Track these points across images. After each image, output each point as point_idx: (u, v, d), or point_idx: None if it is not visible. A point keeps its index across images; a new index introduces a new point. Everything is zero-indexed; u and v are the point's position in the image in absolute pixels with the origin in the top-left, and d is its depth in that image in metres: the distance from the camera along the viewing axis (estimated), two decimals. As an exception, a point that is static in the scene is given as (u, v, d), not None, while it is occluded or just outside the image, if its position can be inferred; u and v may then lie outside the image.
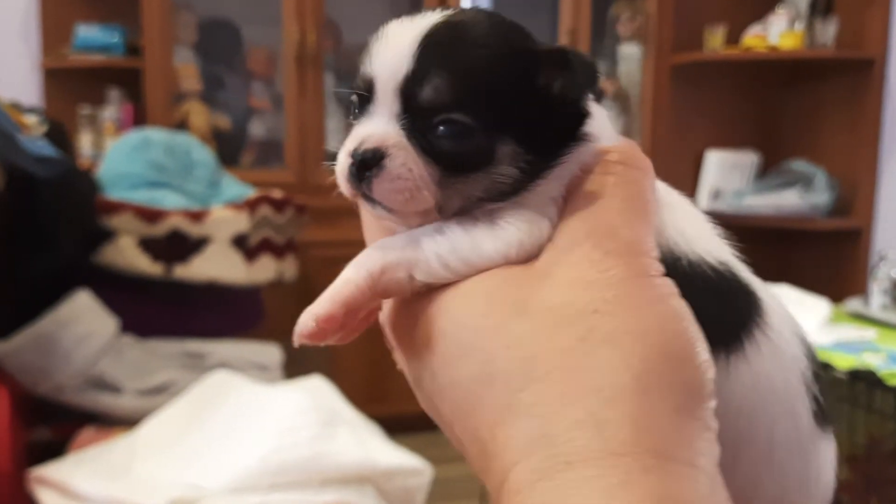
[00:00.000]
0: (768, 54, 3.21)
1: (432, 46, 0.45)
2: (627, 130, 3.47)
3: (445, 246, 0.45)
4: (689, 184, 3.46)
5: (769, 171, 3.49)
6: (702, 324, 0.42)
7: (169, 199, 2.40)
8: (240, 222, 2.41)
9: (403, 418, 2.78)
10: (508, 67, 0.45)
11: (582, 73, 0.46)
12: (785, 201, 3.22)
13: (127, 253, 2.24)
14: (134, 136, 2.59)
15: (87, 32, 3.31)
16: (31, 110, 2.37)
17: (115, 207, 2.25)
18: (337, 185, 0.48)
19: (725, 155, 3.49)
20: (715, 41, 3.33)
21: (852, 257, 3.18)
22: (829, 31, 3.15)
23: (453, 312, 0.45)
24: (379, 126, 0.47)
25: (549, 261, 0.44)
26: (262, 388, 1.85)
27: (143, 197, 2.36)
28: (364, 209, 0.50)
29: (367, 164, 0.46)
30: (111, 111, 3.40)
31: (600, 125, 0.49)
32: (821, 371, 0.49)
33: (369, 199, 0.47)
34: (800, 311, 2.22)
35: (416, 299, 0.46)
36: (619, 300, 0.41)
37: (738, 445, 0.44)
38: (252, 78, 3.76)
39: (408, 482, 1.74)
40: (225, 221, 2.38)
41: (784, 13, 3.20)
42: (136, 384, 2.04)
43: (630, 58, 3.54)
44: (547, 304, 0.42)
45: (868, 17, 3.10)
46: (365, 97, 0.48)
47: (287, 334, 0.47)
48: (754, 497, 0.45)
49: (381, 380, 3.32)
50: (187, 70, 3.49)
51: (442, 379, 0.44)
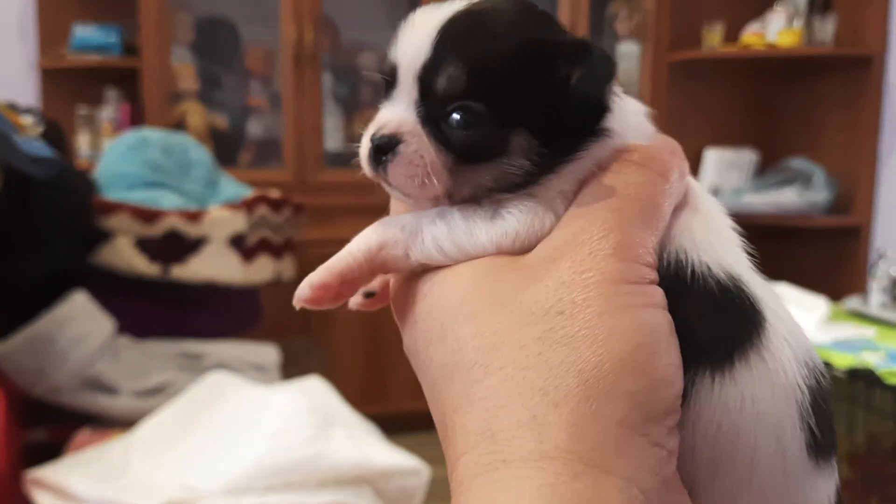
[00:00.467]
0: (767, 52, 3.21)
1: (450, 35, 0.46)
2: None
3: (443, 230, 0.46)
4: (687, 182, 3.44)
5: (768, 169, 3.48)
6: (692, 338, 0.42)
7: (166, 200, 2.39)
8: (237, 222, 2.40)
9: (401, 418, 2.79)
10: (525, 58, 0.45)
11: (600, 68, 0.45)
12: (784, 199, 3.22)
13: (124, 253, 2.23)
14: (131, 136, 2.58)
15: (84, 32, 3.31)
16: (27, 111, 2.36)
17: (112, 208, 2.24)
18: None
19: (724, 153, 3.49)
20: (713, 39, 3.33)
21: (851, 255, 3.17)
22: (827, 29, 3.14)
23: (437, 296, 0.45)
24: (398, 112, 0.48)
25: (537, 256, 0.44)
26: (259, 390, 1.84)
27: (140, 197, 2.35)
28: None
29: (383, 149, 0.47)
30: (108, 111, 3.40)
31: (629, 121, 0.48)
32: (826, 404, 0.46)
33: (387, 181, 0.48)
34: (799, 309, 2.22)
35: (413, 277, 0.48)
36: (587, 303, 0.40)
37: (717, 463, 0.43)
38: (249, 77, 3.75)
39: (405, 482, 1.73)
40: (222, 221, 2.37)
41: (782, 10, 3.20)
42: (133, 385, 2.04)
43: (628, 55, 3.53)
44: (519, 299, 0.42)
45: (866, 14, 3.09)
46: (390, 82, 0.49)
47: (285, 334, 0.48)
48: None
49: (378, 380, 3.33)
50: (184, 69, 3.48)
51: (423, 357, 0.46)
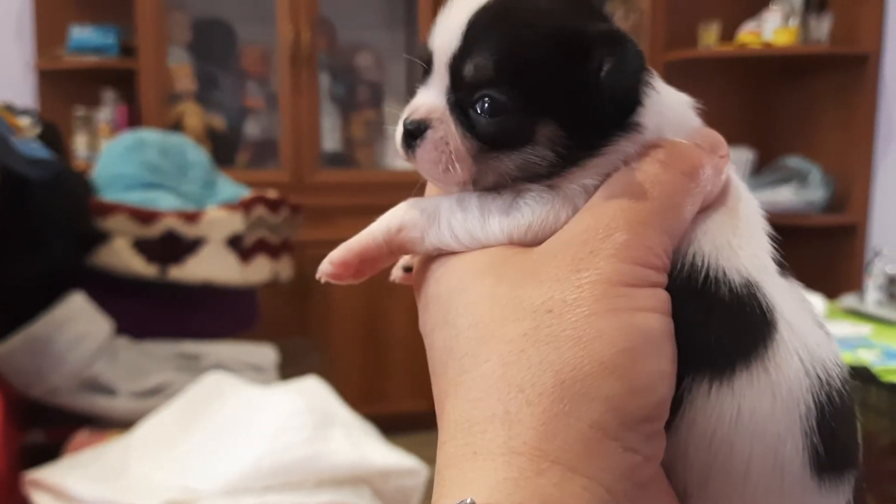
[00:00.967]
0: (763, 51, 3.21)
1: (481, 24, 0.46)
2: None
3: (459, 217, 0.47)
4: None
5: (764, 168, 3.49)
6: (695, 344, 0.42)
7: (163, 200, 2.39)
8: (234, 223, 2.40)
9: (399, 418, 2.79)
10: (555, 48, 0.45)
11: (632, 61, 0.44)
12: (780, 198, 3.22)
13: (121, 254, 2.23)
14: (128, 137, 2.58)
15: (81, 33, 3.30)
16: (24, 112, 2.36)
17: (110, 209, 2.24)
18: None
19: (721, 152, 3.49)
20: (709, 38, 3.33)
21: (847, 253, 3.18)
22: (823, 28, 3.14)
23: (445, 282, 0.46)
24: (430, 98, 0.48)
25: (541, 251, 0.44)
26: (257, 390, 1.85)
27: (137, 198, 2.35)
28: None
29: (413, 134, 0.48)
30: (106, 112, 3.39)
31: (665, 116, 0.47)
32: (841, 420, 0.44)
33: (416, 164, 0.49)
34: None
35: (431, 260, 0.48)
36: (577, 303, 0.40)
37: (709, 473, 0.42)
38: (246, 77, 3.75)
39: (403, 482, 1.74)
40: (220, 222, 2.37)
41: (778, 9, 3.20)
42: (131, 386, 2.04)
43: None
44: (515, 293, 0.42)
45: (862, 13, 3.10)
46: (427, 68, 0.49)
47: (283, 335, 0.49)
48: None
49: (376, 380, 3.32)
50: (181, 70, 3.48)
51: (429, 340, 0.47)
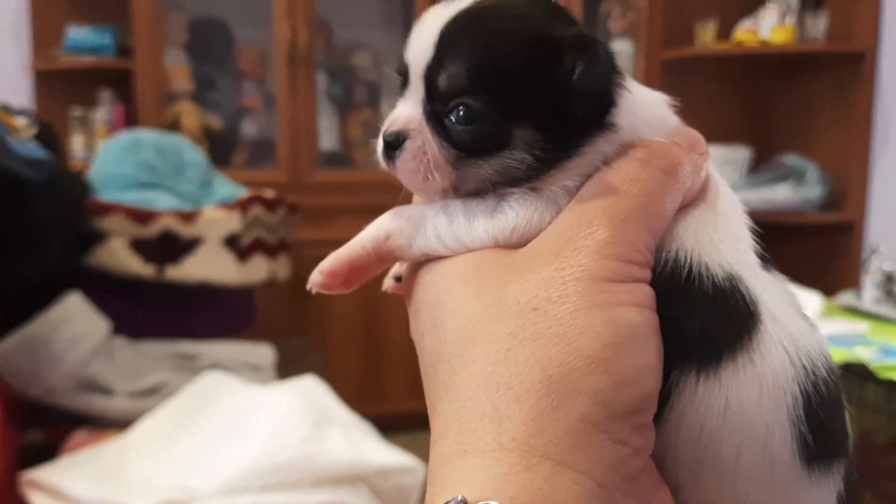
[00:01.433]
0: (759, 49, 3.21)
1: (453, 34, 0.47)
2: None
3: (444, 222, 0.47)
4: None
5: (761, 166, 3.49)
6: (681, 337, 0.42)
7: (160, 200, 2.39)
8: (232, 222, 2.40)
9: (397, 418, 2.79)
10: (527, 54, 0.45)
11: (603, 63, 0.45)
12: (777, 195, 3.23)
13: (118, 254, 2.23)
14: (125, 137, 2.58)
15: (78, 34, 3.30)
16: (20, 112, 2.36)
17: (107, 209, 2.24)
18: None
19: (717, 150, 3.49)
20: (706, 36, 3.34)
21: (844, 251, 3.18)
22: (819, 25, 3.15)
23: (433, 287, 0.46)
24: (407, 109, 0.49)
25: (526, 251, 0.44)
26: (254, 389, 1.85)
27: (134, 198, 2.35)
28: None
29: (392, 145, 0.49)
30: (102, 112, 3.39)
31: (640, 115, 0.48)
32: (829, 409, 0.44)
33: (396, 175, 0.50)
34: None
35: (419, 266, 0.49)
36: (562, 300, 0.40)
37: (700, 465, 0.43)
38: (243, 78, 3.75)
39: (401, 481, 1.74)
40: (217, 221, 2.37)
41: (775, 7, 3.21)
42: (128, 386, 2.04)
43: (621, 54, 3.54)
44: (500, 294, 0.42)
45: (858, 10, 3.10)
46: (404, 80, 0.50)
47: (280, 335, 0.49)
48: None
49: (374, 379, 3.33)
50: (178, 70, 3.48)
51: (420, 345, 0.47)
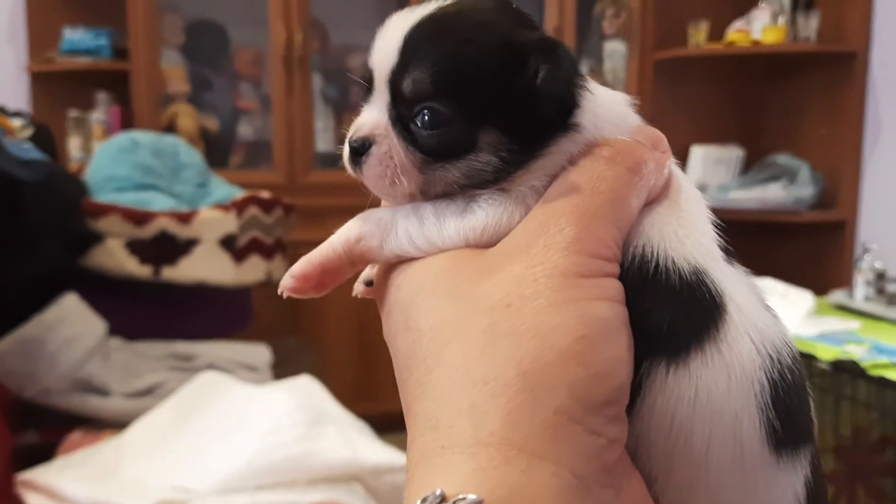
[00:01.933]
0: (751, 49, 3.23)
1: (416, 40, 0.47)
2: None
3: (414, 223, 0.48)
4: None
5: (753, 166, 3.50)
6: (650, 330, 0.43)
7: (157, 201, 2.40)
8: (228, 223, 2.41)
9: (393, 417, 2.79)
10: (491, 58, 0.46)
11: (565, 66, 0.46)
12: (769, 195, 3.24)
13: (115, 255, 2.24)
14: (121, 138, 2.59)
15: (74, 36, 3.31)
16: (17, 114, 2.37)
17: (103, 210, 2.25)
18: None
19: (710, 150, 3.51)
20: (698, 36, 3.35)
21: (836, 250, 3.20)
22: (811, 26, 3.17)
23: (404, 288, 0.47)
24: (373, 115, 0.49)
25: (496, 250, 0.45)
26: (250, 389, 1.86)
27: (130, 199, 2.36)
28: None
29: (358, 151, 0.49)
30: (99, 114, 3.40)
31: (603, 116, 0.48)
32: (794, 397, 0.45)
33: (363, 181, 0.50)
34: (784, 303, 2.25)
35: (390, 269, 0.49)
36: (534, 296, 0.41)
37: (672, 455, 0.43)
38: (239, 79, 3.76)
39: (396, 480, 1.75)
40: (213, 222, 2.38)
41: (766, 8, 3.22)
42: (125, 386, 2.05)
43: (615, 54, 3.55)
44: (473, 292, 0.43)
45: (849, 10, 3.12)
46: (369, 86, 0.50)
47: (276, 335, 0.49)
48: None
49: (370, 378, 3.33)
50: (174, 72, 3.49)
51: (394, 346, 0.47)
